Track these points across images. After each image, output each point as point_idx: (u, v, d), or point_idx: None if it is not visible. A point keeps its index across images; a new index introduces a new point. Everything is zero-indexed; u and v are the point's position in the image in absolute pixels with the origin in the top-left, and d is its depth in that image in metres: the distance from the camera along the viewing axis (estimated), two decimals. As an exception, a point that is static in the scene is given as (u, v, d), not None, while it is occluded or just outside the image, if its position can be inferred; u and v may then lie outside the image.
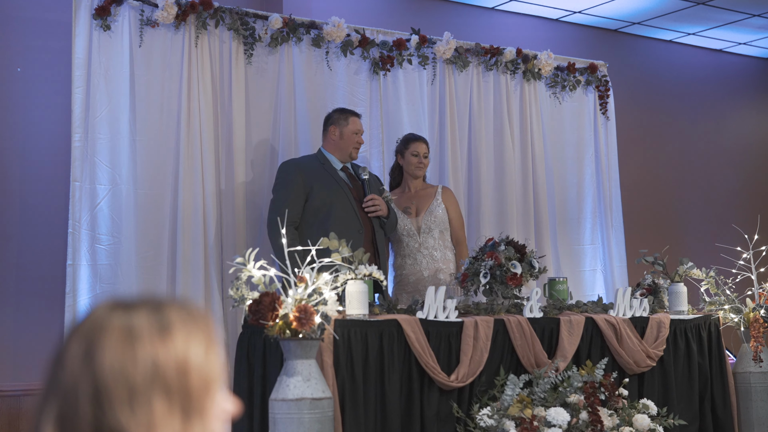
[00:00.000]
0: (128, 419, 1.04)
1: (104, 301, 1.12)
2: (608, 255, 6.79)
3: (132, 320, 1.09)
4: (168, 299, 1.14)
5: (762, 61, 9.08)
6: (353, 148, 5.27)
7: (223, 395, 1.13)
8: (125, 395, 1.04)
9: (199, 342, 1.11)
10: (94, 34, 5.10)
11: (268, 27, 5.60)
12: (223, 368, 1.14)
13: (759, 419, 5.25)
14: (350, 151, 5.26)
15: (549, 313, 4.82)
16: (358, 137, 5.28)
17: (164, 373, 1.07)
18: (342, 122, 5.26)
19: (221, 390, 1.13)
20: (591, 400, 4.42)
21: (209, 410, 1.10)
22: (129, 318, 1.09)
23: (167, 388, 1.06)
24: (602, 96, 6.91)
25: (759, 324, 5.28)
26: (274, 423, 3.78)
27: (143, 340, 1.07)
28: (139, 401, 1.05)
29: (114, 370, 1.05)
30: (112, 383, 1.04)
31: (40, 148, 5.55)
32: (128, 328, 1.08)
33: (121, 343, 1.07)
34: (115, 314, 1.09)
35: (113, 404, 1.04)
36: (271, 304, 3.70)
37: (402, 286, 5.41)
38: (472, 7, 7.31)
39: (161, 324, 1.09)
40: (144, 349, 1.07)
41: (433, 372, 4.29)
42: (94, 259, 4.99)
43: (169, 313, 1.11)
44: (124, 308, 1.10)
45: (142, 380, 1.05)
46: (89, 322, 1.09)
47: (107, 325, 1.08)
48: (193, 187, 5.24)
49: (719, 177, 8.66)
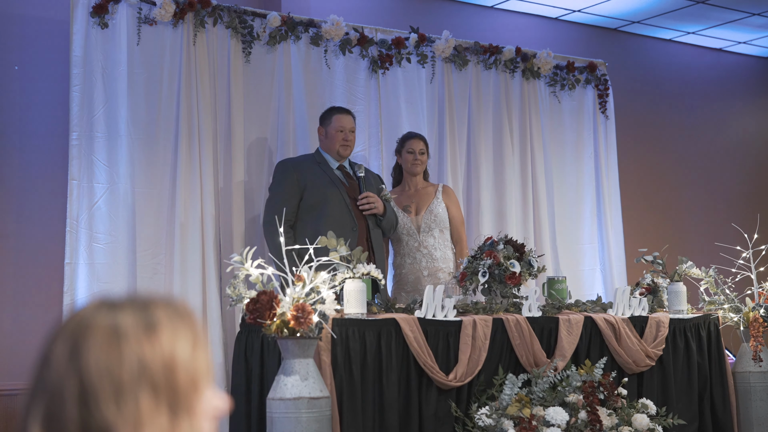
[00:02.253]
0: (115, 417, 1.04)
1: (90, 301, 1.13)
2: (607, 254, 6.78)
3: (117, 319, 1.09)
4: (154, 297, 1.14)
5: (762, 60, 9.06)
6: (340, 146, 5.17)
7: (211, 392, 1.13)
8: (111, 393, 1.04)
9: (185, 339, 1.11)
10: (91, 32, 5.09)
11: (267, 25, 5.59)
12: (211, 365, 1.15)
13: (758, 419, 5.24)
14: (337, 149, 5.17)
15: (548, 312, 4.81)
16: (343, 134, 5.16)
17: (151, 371, 1.06)
18: (326, 121, 5.23)
19: (209, 387, 1.13)
20: (590, 400, 4.41)
21: (197, 407, 1.10)
22: (114, 317, 1.09)
23: (154, 386, 1.06)
24: (601, 95, 6.91)
25: (758, 323, 5.27)
26: (272, 422, 3.77)
27: (129, 339, 1.07)
28: (126, 399, 1.04)
29: (100, 369, 1.04)
30: (98, 382, 1.04)
31: (38, 146, 5.54)
32: (114, 327, 1.08)
33: (106, 342, 1.06)
34: (100, 313, 1.09)
35: (99, 403, 1.03)
36: (269, 303, 3.69)
37: (401, 285, 5.40)
38: (471, 5, 7.30)
39: (147, 322, 1.09)
40: (130, 347, 1.07)
41: (432, 371, 4.28)
42: (92, 257, 4.98)
43: (155, 311, 1.11)
44: (109, 307, 1.10)
45: (128, 378, 1.05)
46: (75, 321, 1.09)
47: (92, 324, 1.08)
48: (191, 185, 5.23)
49: (719, 176, 8.65)
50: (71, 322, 1.09)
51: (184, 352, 1.10)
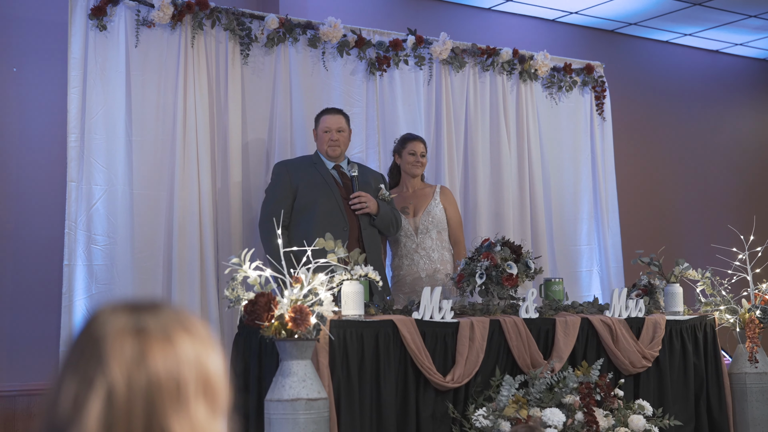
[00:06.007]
0: (175, 416, 1.13)
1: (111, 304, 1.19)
2: (604, 255, 6.79)
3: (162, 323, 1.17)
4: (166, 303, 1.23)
5: (758, 62, 9.09)
6: (327, 147, 5.19)
7: None
8: (175, 394, 1.13)
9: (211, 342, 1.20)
10: (90, 35, 5.10)
11: (265, 27, 5.60)
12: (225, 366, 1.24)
13: (754, 420, 5.26)
14: (325, 149, 5.20)
15: (545, 313, 4.82)
16: (329, 134, 5.18)
17: (200, 373, 1.16)
18: (316, 123, 5.28)
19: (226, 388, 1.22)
20: (586, 401, 4.42)
21: (223, 408, 1.20)
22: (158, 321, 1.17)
23: (205, 388, 1.16)
24: (598, 96, 6.92)
25: (754, 325, 5.29)
26: (270, 423, 3.78)
27: (183, 342, 1.16)
28: (185, 400, 1.14)
29: (168, 371, 1.13)
30: (165, 383, 1.13)
31: (36, 148, 5.55)
32: (165, 332, 1.16)
33: (166, 346, 1.15)
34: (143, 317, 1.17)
35: (165, 403, 1.12)
36: (267, 305, 3.70)
37: (399, 287, 5.40)
38: (468, 7, 7.32)
39: (185, 327, 1.18)
40: (184, 351, 1.15)
41: (429, 372, 4.29)
42: (90, 259, 4.98)
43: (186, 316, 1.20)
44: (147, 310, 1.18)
45: (187, 380, 1.14)
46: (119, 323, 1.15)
47: (147, 328, 1.15)
48: (189, 187, 5.24)
49: (715, 177, 8.67)
50: (118, 322, 1.15)
51: (215, 354, 1.19)
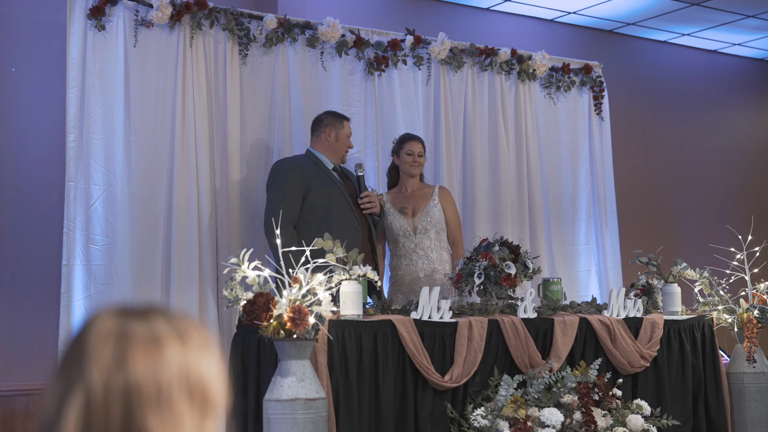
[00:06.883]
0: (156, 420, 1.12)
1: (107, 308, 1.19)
2: (602, 255, 6.80)
3: (153, 327, 1.17)
4: (167, 307, 1.23)
5: (756, 62, 9.10)
6: (345, 152, 5.33)
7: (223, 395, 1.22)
8: (155, 398, 1.12)
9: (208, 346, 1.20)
10: (88, 34, 5.09)
11: (263, 27, 5.60)
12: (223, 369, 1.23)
13: (752, 420, 5.27)
14: (342, 154, 5.32)
15: (543, 313, 4.82)
16: (349, 141, 5.37)
17: (188, 378, 1.15)
18: (338, 125, 5.29)
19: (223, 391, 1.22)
20: (585, 401, 4.43)
21: (219, 411, 1.19)
22: (149, 325, 1.17)
23: (190, 391, 1.15)
24: (597, 97, 6.92)
25: (752, 324, 5.29)
26: (268, 423, 3.78)
27: (169, 347, 1.15)
28: (166, 404, 1.13)
29: (147, 375, 1.12)
30: (144, 387, 1.12)
31: (35, 148, 5.54)
32: (153, 335, 1.15)
33: (150, 349, 1.14)
34: (134, 321, 1.17)
35: (143, 406, 1.11)
36: (266, 305, 3.70)
37: (397, 287, 5.40)
38: (466, 7, 7.32)
39: (179, 331, 1.17)
40: (171, 354, 1.15)
41: (427, 372, 4.30)
42: (89, 259, 4.98)
43: (183, 320, 1.19)
44: (139, 315, 1.18)
45: (169, 384, 1.13)
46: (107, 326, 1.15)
47: (132, 332, 1.15)
48: (188, 187, 5.24)
49: (713, 178, 8.68)
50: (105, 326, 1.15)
51: (209, 358, 1.18)
